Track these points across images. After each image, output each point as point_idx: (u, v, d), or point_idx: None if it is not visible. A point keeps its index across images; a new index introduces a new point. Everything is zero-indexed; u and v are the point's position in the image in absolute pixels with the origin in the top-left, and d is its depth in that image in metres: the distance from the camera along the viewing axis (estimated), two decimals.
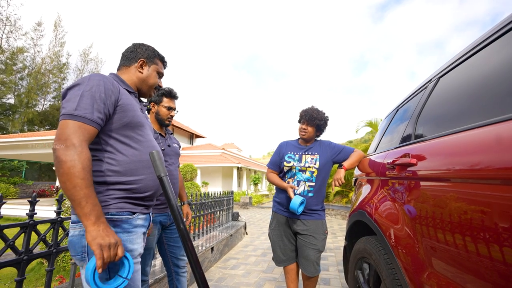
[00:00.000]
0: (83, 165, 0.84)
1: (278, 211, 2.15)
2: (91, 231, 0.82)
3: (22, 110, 23.92)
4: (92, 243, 0.81)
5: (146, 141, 1.11)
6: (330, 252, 4.28)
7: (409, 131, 1.41)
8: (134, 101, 1.14)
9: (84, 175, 0.84)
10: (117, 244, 0.86)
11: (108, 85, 0.99)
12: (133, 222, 1.02)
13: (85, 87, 0.95)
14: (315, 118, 2.02)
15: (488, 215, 0.69)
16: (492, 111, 0.82)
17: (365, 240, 1.52)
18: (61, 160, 0.83)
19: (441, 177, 0.95)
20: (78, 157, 0.84)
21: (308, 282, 2.07)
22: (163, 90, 1.81)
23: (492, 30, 0.96)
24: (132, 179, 1.01)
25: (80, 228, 0.92)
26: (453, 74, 1.17)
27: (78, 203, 0.82)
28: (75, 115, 0.89)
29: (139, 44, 1.23)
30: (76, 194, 0.82)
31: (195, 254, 0.86)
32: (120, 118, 1.02)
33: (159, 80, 1.28)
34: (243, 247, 4.65)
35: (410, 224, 1.05)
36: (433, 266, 0.89)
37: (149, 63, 1.22)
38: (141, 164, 1.05)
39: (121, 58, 1.22)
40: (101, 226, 0.84)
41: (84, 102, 0.92)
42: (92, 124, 0.92)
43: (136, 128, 1.07)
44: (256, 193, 20.63)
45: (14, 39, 24.04)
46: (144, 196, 1.06)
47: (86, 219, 0.82)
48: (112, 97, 0.99)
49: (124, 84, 1.15)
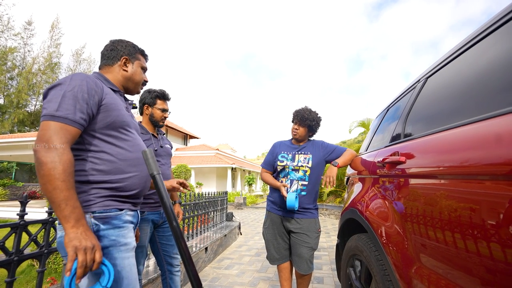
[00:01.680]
0: (64, 167, 0.83)
1: (272, 210, 2.17)
2: (69, 233, 0.81)
3: (12, 111, 23.47)
4: (67, 245, 0.80)
5: (131, 139, 1.10)
6: (324, 251, 4.32)
7: (398, 130, 1.44)
8: (119, 100, 1.12)
9: (65, 177, 0.82)
10: (94, 248, 0.83)
11: (91, 84, 0.98)
12: (122, 217, 1.01)
13: (67, 87, 0.93)
14: (306, 118, 2.05)
15: (476, 211, 0.71)
16: (479, 109, 0.84)
17: (357, 237, 1.54)
18: (41, 162, 0.82)
19: (429, 174, 0.97)
20: (59, 158, 0.83)
21: (302, 280, 2.09)
22: (157, 92, 1.84)
23: (477, 31, 0.99)
24: (117, 177, 1.00)
25: None
26: (440, 74, 1.20)
27: (58, 206, 0.81)
28: (57, 116, 0.88)
29: (117, 40, 1.21)
30: (56, 196, 0.80)
31: (188, 251, 0.87)
32: (104, 117, 1.01)
33: (144, 75, 1.27)
34: (237, 247, 4.65)
35: (400, 222, 1.08)
36: (422, 262, 0.92)
37: (132, 59, 1.20)
38: (127, 162, 1.04)
39: (102, 57, 1.20)
40: (80, 229, 0.82)
41: (66, 103, 0.90)
42: (74, 125, 0.90)
43: (120, 128, 1.06)
44: (250, 193, 20.63)
45: (5, 39, 23.61)
46: (130, 194, 1.05)
47: (65, 221, 0.81)
48: (95, 97, 0.98)
49: (109, 83, 1.13)
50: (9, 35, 23.85)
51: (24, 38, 25.09)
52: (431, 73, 1.28)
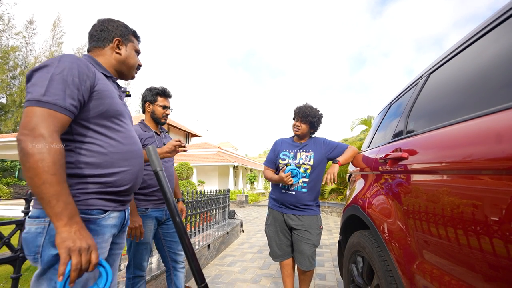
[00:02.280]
0: (53, 159, 0.74)
1: (274, 207, 2.18)
2: (61, 232, 0.72)
3: (14, 110, 23.60)
4: (60, 246, 0.72)
5: (125, 131, 1.01)
6: (326, 248, 4.32)
7: (400, 126, 1.44)
8: (112, 86, 1.03)
9: (56, 170, 0.74)
10: (90, 249, 0.76)
11: (83, 68, 0.88)
12: (102, 222, 0.92)
13: (55, 69, 0.82)
14: (308, 115, 2.05)
15: (479, 206, 0.71)
16: (481, 105, 0.84)
17: (359, 234, 1.54)
18: (27, 153, 0.72)
19: (431, 170, 0.97)
20: (48, 149, 0.74)
21: (304, 277, 2.10)
22: (157, 89, 1.86)
23: (480, 27, 0.98)
24: (108, 171, 0.92)
25: (37, 224, 0.82)
26: (443, 70, 1.20)
27: (48, 202, 0.72)
28: (44, 101, 0.78)
29: (107, 20, 1.10)
30: (45, 191, 0.72)
31: (192, 247, 0.87)
32: (96, 106, 0.91)
33: (138, 58, 1.18)
34: (239, 245, 4.67)
35: (402, 218, 1.08)
36: (424, 258, 0.92)
37: (125, 41, 1.11)
38: (119, 155, 0.96)
39: (90, 38, 1.08)
40: (74, 227, 0.74)
41: (54, 87, 0.80)
42: (64, 112, 0.81)
43: (114, 117, 0.97)
44: (252, 191, 20.66)
45: (7, 38, 23.70)
46: (121, 190, 0.96)
47: (57, 219, 0.73)
48: (87, 82, 0.88)
49: (101, 67, 1.03)
50: (10, 34, 23.96)
51: (26, 37, 25.20)
52: (434, 69, 1.28)
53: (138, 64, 1.18)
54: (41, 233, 0.81)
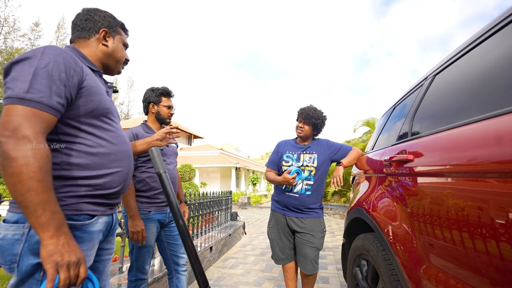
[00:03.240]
0: (39, 164, 0.67)
1: (276, 210, 2.16)
2: (47, 245, 0.66)
3: None
4: (46, 260, 0.66)
5: (114, 130, 0.95)
6: (329, 251, 4.30)
7: (405, 128, 1.42)
8: (100, 82, 0.96)
9: (42, 177, 0.67)
10: (79, 262, 0.71)
11: (69, 62, 0.80)
12: (89, 228, 0.85)
13: (38, 62, 0.74)
14: (311, 116, 2.04)
15: (486, 209, 0.70)
16: (487, 106, 0.83)
17: (363, 237, 1.53)
18: (9, 157, 0.65)
19: (437, 173, 0.96)
20: (33, 153, 0.67)
21: (307, 280, 2.08)
22: (161, 90, 1.86)
23: (485, 28, 0.97)
24: (97, 173, 0.86)
25: (15, 230, 0.73)
26: (448, 71, 1.19)
27: (33, 211, 0.65)
28: (28, 99, 0.70)
29: (93, 9, 1.02)
30: (30, 200, 0.65)
31: (195, 250, 0.87)
32: (84, 103, 0.84)
33: (125, 53, 1.11)
34: (242, 247, 4.65)
35: (408, 221, 1.06)
36: (431, 262, 0.90)
37: (113, 33, 1.04)
38: (109, 156, 0.90)
39: (74, 28, 0.99)
40: (62, 239, 0.68)
41: (39, 83, 0.72)
42: (50, 111, 0.73)
43: (102, 116, 0.91)
44: (254, 193, 20.64)
45: (12, 40, 23.95)
46: (109, 193, 0.91)
47: (43, 230, 0.66)
48: (74, 77, 0.81)
49: (86, 60, 0.96)
50: (15, 36, 24.19)
51: (31, 40, 25.44)
52: (439, 70, 1.27)
53: (126, 58, 1.11)
54: (19, 239, 0.73)
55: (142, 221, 1.63)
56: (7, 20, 23.24)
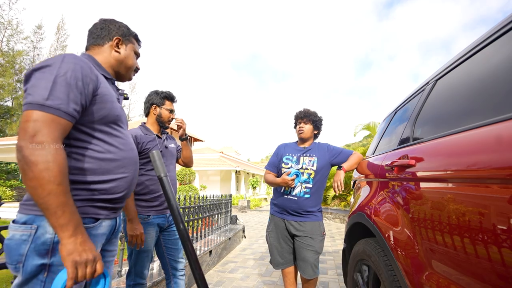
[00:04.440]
0: (59, 168, 0.71)
1: (275, 214, 2.15)
2: (66, 244, 0.71)
3: (20, 113, 23.85)
4: (66, 259, 0.70)
5: (123, 136, 0.99)
6: (329, 255, 4.27)
7: (407, 132, 1.42)
8: (112, 89, 1.00)
9: (61, 180, 0.71)
10: (96, 259, 0.76)
11: (86, 70, 0.85)
12: (93, 231, 0.88)
13: (58, 70, 0.78)
14: (310, 114, 2.08)
15: (488, 215, 0.69)
16: (489, 112, 0.83)
17: (364, 242, 1.51)
18: (30, 161, 0.69)
19: (439, 178, 0.95)
20: (53, 157, 0.70)
21: (307, 285, 2.06)
22: (165, 93, 1.88)
23: (487, 34, 0.97)
24: (103, 178, 0.89)
25: (23, 231, 0.77)
26: (450, 76, 1.19)
27: (53, 213, 0.70)
28: (47, 106, 0.74)
29: (109, 19, 1.09)
30: (51, 202, 0.69)
31: (195, 254, 0.86)
32: (97, 110, 0.88)
33: (136, 61, 1.16)
34: (241, 251, 4.63)
35: (410, 226, 1.05)
36: (434, 268, 0.89)
37: (126, 41, 1.09)
38: (116, 162, 0.93)
39: (89, 35, 1.05)
40: (79, 239, 0.73)
41: (58, 90, 0.76)
42: (67, 117, 0.77)
43: (113, 123, 0.94)
44: (254, 196, 20.59)
45: (15, 42, 24.11)
46: (115, 197, 0.93)
47: (62, 230, 0.70)
48: (90, 85, 0.85)
49: (101, 68, 1.01)
50: (18, 39, 24.35)
51: (34, 42, 25.60)
52: (441, 75, 1.27)
53: (136, 67, 1.16)
54: (26, 240, 0.76)
55: (141, 225, 1.62)
56: (11, 23, 23.42)
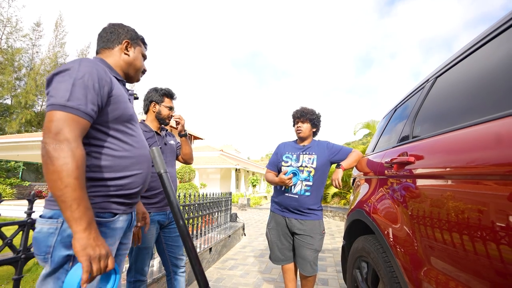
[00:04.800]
0: (77, 164, 0.77)
1: (276, 211, 2.16)
2: (80, 238, 0.74)
3: (19, 111, 23.80)
4: (80, 253, 0.74)
5: (136, 135, 1.05)
6: (328, 253, 4.28)
7: (407, 130, 1.42)
8: (124, 90, 1.06)
9: (78, 175, 0.76)
10: (108, 255, 0.80)
11: (101, 73, 0.91)
12: (112, 225, 0.95)
13: (76, 74, 0.85)
14: (306, 113, 2.08)
15: (487, 212, 0.70)
16: (488, 109, 0.83)
17: (364, 239, 1.52)
18: (52, 156, 0.75)
19: (438, 175, 0.96)
20: (72, 154, 0.76)
21: (306, 282, 2.07)
22: (164, 90, 1.86)
23: (487, 31, 0.97)
24: (120, 175, 0.95)
25: (50, 225, 0.84)
26: (450, 73, 1.19)
27: (69, 206, 0.74)
28: (68, 106, 0.80)
29: (118, 24, 1.15)
30: (67, 195, 0.74)
31: (195, 250, 0.86)
32: (112, 110, 0.94)
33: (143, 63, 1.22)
34: (241, 248, 4.64)
35: (409, 223, 1.06)
36: (432, 264, 0.90)
37: (134, 44, 1.15)
38: (132, 159, 0.99)
39: (99, 39, 1.12)
40: (92, 234, 0.77)
41: (77, 92, 0.83)
42: (85, 117, 0.84)
43: (127, 122, 1.01)
44: (254, 194, 20.61)
45: (14, 40, 24.00)
46: (131, 193, 1.00)
47: (77, 224, 0.74)
48: (105, 87, 0.91)
49: (112, 71, 1.07)
50: (17, 37, 24.23)
51: (32, 39, 25.46)
52: (441, 72, 1.27)
53: (144, 68, 1.23)
54: (53, 233, 0.82)
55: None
56: (10, 20, 23.30)
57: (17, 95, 24.21)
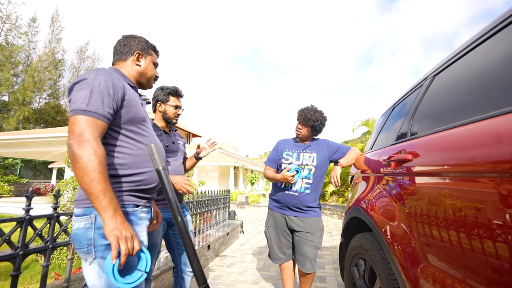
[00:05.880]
0: (99, 160, 0.86)
1: (274, 209, 2.17)
2: (109, 223, 0.84)
3: (16, 108, 23.66)
4: (109, 235, 0.83)
5: (149, 135, 1.15)
6: (326, 250, 4.31)
7: (405, 128, 1.43)
8: (136, 96, 1.15)
9: (101, 169, 0.86)
10: (133, 237, 0.88)
11: (115, 81, 1.01)
12: (138, 214, 1.05)
13: (94, 82, 0.96)
14: (309, 119, 2.04)
15: (484, 210, 0.70)
16: (486, 107, 0.83)
17: (361, 236, 1.53)
18: (77, 155, 0.85)
19: (436, 172, 0.96)
20: (94, 151, 0.86)
21: (305, 279, 2.08)
22: (169, 89, 1.83)
23: (485, 29, 0.98)
24: (137, 171, 1.04)
25: (85, 221, 0.94)
26: (448, 72, 1.19)
27: (96, 197, 0.84)
28: (88, 111, 0.91)
29: (130, 36, 1.24)
30: (94, 188, 0.83)
31: (193, 247, 0.87)
32: (125, 113, 1.04)
33: (155, 70, 1.30)
34: (239, 246, 4.66)
35: (406, 220, 1.07)
36: (429, 261, 0.91)
37: (145, 54, 1.24)
38: (146, 157, 1.09)
39: (115, 52, 1.23)
40: (119, 219, 0.86)
41: (94, 98, 0.93)
42: (103, 119, 0.94)
43: (139, 123, 1.10)
44: (252, 192, 20.64)
45: (13, 37, 23.81)
46: (148, 188, 1.09)
47: (104, 212, 0.84)
48: (119, 92, 1.01)
49: (125, 78, 1.17)
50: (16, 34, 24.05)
51: (28, 35, 25.27)
52: (439, 70, 1.27)
53: (156, 75, 1.31)
54: (90, 227, 0.92)
55: None
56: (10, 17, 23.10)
57: (14, 92, 24.05)
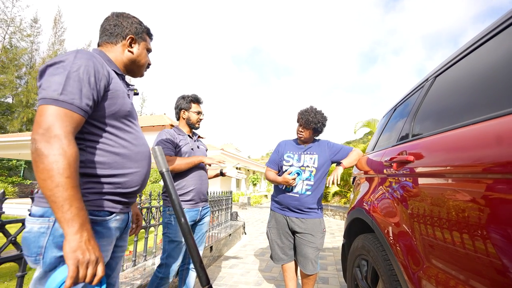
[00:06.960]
0: (69, 161, 0.71)
1: (276, 210, 2.17)
2: (71, 241, 0.69)
3: (20, 110, 23.83)
4: (69, 256, 0.68)
5: (135, 132, 1.00)
6: (329, 251, 4.30)
7: (406, 129, 1.43)
8: (123, 85, 1.00)
9: (70, 173, 0.70)
10: (98, 261, 0.73)
11: (98, 67, 0.86)
12: (108, 224, 0.89)
13: (71, 66, 0.79)
14: (310, 122, 2.03)
15: (487, 211, 0.70)
16: (488, 108, 0.83)
17: (364, 237, 1.53)
18: (41, 154, 0.69)
19: (438, 173, 0.96)
20: (63, 151, 0.71)
21: (307, 280, 2.08)
22: (191, 97, 1.99)
23: (486, 30, 0.98)
24: (117, 172, 0.90)
25: (41, 224, 0.77)
26: (449, 73, 1.19)
27: (60, 206, 0.68)
28: (61, 101, 0.75)
29: (122, 15, 1.06)
30: (58, 195, 0.68)
31: (197, 248, 0.88)
32: (108, 105, 0.89)
33: (148, 57, 1.14)
34: (241, 247, 4.66)
35: (408, 221, 1.07)
36: (431, 262, 0.91)
37: (139, 39, 1.08)
38: (129, 157, 0.94)
39: (102, 31, 1.04)
40: (84, 236, 0.71)
41: (71, 86, 0.77)
42: (80, 112, 0.78)
43: (124, 118, 0.95)
44: (254, 193, 20.62)
45: (17, 40, 24.00)
46: (128, 192, 0.95)
47: (68, 226, 0.69)
48: (102, 81, 0.85)
49: (111, 64, 1.01)
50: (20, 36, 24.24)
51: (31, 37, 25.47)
52: (440, 71, 1.27)
53: (148, 63, 1.15)
54: (45, 233, 0.76)
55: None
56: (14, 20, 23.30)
57: (18, 94, 24.24)
